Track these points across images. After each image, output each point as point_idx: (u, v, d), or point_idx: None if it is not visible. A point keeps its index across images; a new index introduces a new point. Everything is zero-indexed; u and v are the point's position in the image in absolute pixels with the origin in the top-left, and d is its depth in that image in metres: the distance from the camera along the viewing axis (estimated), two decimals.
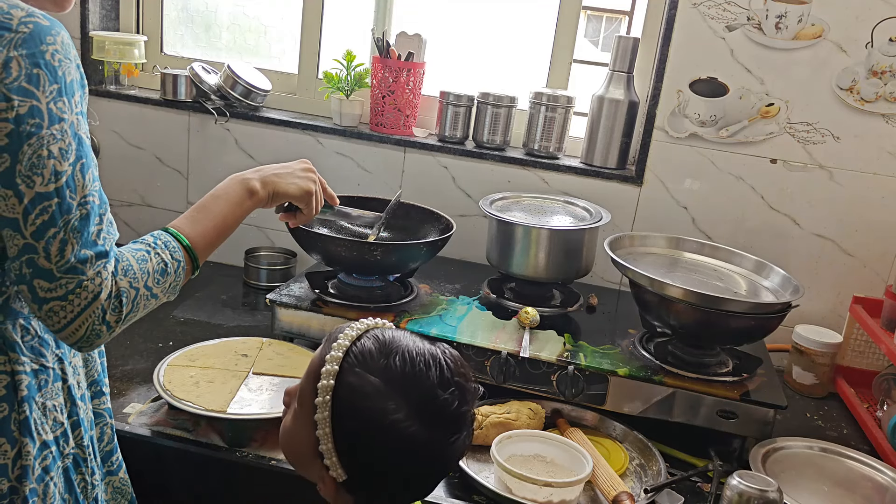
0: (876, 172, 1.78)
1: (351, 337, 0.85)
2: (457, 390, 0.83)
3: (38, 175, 0.81)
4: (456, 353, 0.86)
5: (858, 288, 1.82)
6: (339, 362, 0.83)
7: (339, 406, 0.81)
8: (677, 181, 1.88)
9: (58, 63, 0.82)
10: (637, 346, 1.52)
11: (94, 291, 0.85)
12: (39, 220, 0.82)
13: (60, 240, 0.83)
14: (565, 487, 1.19)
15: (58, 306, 0.84)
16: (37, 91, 0.80)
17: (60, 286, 0.83)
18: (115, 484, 1.14)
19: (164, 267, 0.94)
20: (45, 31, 0.82)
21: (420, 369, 0.82)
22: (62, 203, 0.83)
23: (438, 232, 1.71)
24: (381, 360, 0.82)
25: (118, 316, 0.88)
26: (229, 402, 1.32)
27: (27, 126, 0.80)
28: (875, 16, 1.69)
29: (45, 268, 0.83)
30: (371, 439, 0.81)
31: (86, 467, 1.03)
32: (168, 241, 0.97)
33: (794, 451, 1.44)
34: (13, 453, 0.91)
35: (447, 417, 0.82)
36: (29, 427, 0.93)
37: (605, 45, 3.70)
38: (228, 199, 1.06)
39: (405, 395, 0.80)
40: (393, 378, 0.81)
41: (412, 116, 2.03)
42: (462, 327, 1.51)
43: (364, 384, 0.81)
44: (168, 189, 2.15)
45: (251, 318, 1.81)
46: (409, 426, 0.80)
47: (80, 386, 1.04)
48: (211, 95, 2.08)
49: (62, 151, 0.82)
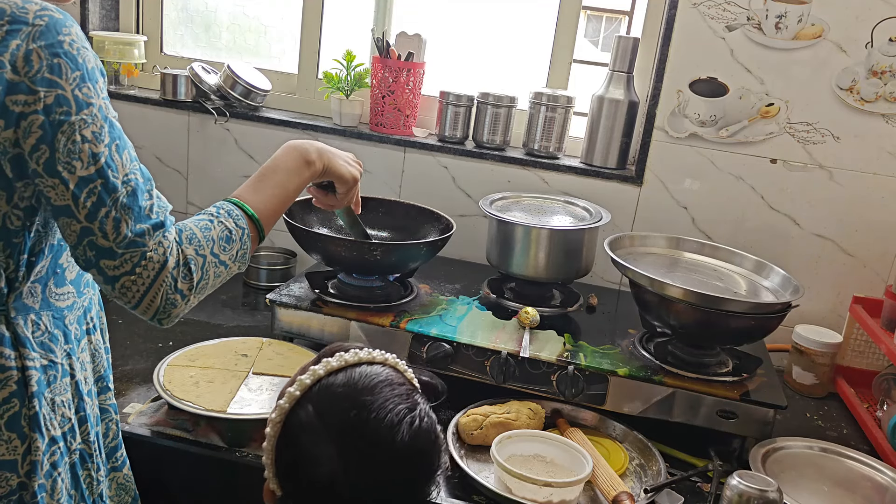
0: (876, 172, 1.78)
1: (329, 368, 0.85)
2: (413, 465, 0.83)
3: (77, 160, 0.83)
4: (429, 424, 0.83)
5: (858, 288, 1.82)
6: (304, 390, 0.84)
7: (285, 431, 0.83)
8: (677, 181, 1.88)
9: (76, 51, 0.84)
10: (637, 346, 1.52)
11: (159, 261, 0.87)
12: (89, 202, 0.84)
13: (113, 218, 0.85)
14: (565, 487, 1.19)
15: (129, 281, 0.86)
16: (60, 80, 0.82)
17: (125, 262, 0.85)
18: (120, 480, 1.14)
19: (228, 234, 0.95)
20: (60, 22, 0.84)
21: (377, 434, 0.80)
22: (107, 183, 0.85)
23: (438, 232, 1.71)
24: (342, 406, 0.82)
25: (190, 283, 0.90)
26: (229, 402, 1.32)
27: (56, 115, 0.82)
28: (875, 16, 1.69)
29: (105, 247, 0.85)
30: (304, 472, 0.82)
31: (91, 463, 1.04)
32: (231, 210, 0.98)
33: (794, 451, 1.44)
34: (23, 448, 0.92)
35: (394, 484, 0.82)
36: (39, 423, 0.93)
37: (605, 45, 3.70)
38: (287, 168, 1.07)
39: (344, 449, 0.79)
40: (342, 429, 0.80)
41: (412, 116, 2.03)
42: (462, 327, 1.51)
43: (309, 423, 0.81)
44: (168, 189, 2.13)
45: (251, 318, 1.81)
46: (343, 473, 0.80)
47: (87, 381, 1.04)
48: (211, 95, 2.08)
49: (95, 134, 0.85)
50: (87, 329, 1.06)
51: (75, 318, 1.02)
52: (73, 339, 1.01)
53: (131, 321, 1.68)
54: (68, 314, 1.00)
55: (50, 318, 0.97)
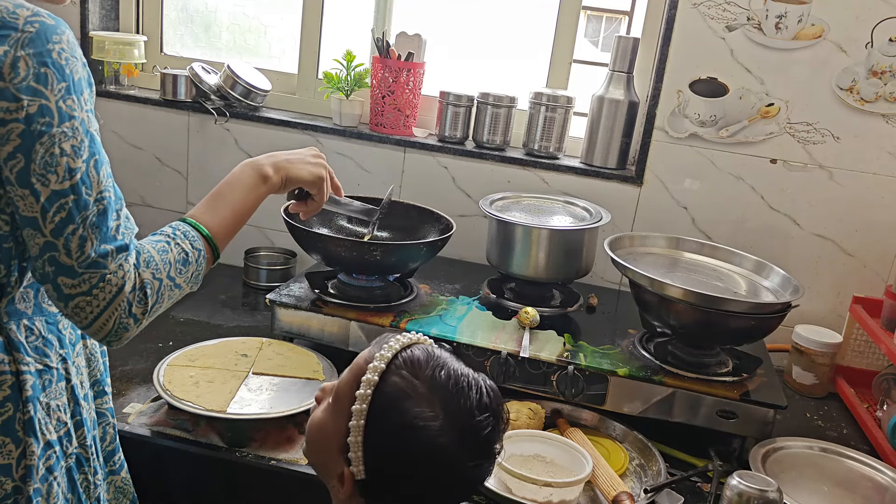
0: (876, 172, 1.78)
1: (403, 343, 0.88)
2: (492, 417, 0.84)
3: (53, 173, 0.82)
4: (495, 385, 0.88)
5: (858, 288, 1.82)
6: (387, 361, 0.85)
7: (378, 401, 0.83)
8: (677, 181, 1.88)
9: (65, 62, 0.83)
10: (637, 346, 1.52)
11: (117, 284, 0.86)
12: (57, 218, 0.83)
13: (80, 236, 0.84)
14: (565, 487, 1.19)
15: (83, 302, 0.85)
16: (45, 90, 0.81)
17: (84, 281, 0.84)
18: (117, 483, 1.14)
19: (185, 257, 0.95)
20: (51, 30, 0.82)
21: (462, 388, 0.84)
22: (79, 199, 0.84)
23: (438, 232, 1.71)
24: (427, 370, 0.84)
25: (144, 308, 0.89)
26: (229, 402, 1.32)
27: (38, 125, 0.81)
28: (875, 16, 1.69)
29: (66, 264, 0.84)
30: (401, 440, 0.82)
31: (88, 467, 1.04)
32: (187, 231, 0.97)
33: (794, 451, 1.44)
34: (17, 453, 0.92)
35: (478, 440, 0.83)
36: (34, 427, 0.93)
37: (605, 45, 3.70)
38: (243, 186, 1.06)
39: (444, 407, 0.82)
40: (436, 387, 0.83)
41: (412, 116, 2.02)
42: (462, 327, 1.51)
43: (408, 386, 0.83)
44: (168, 189, 2.15)
45: (251, 318, 1.81)
46: (440, 436, 0.81)
47: (84, 386, 1.04)
48: (211, 95, 2.08)
49: (74, 148, 0.83)
50: (82, 334, 1.05)
51: (69, 322, 1.01)
52: (67, 343, 1.00)
53: None
54: (62, 319, 1.00)
55: (43, 323, 0.97)
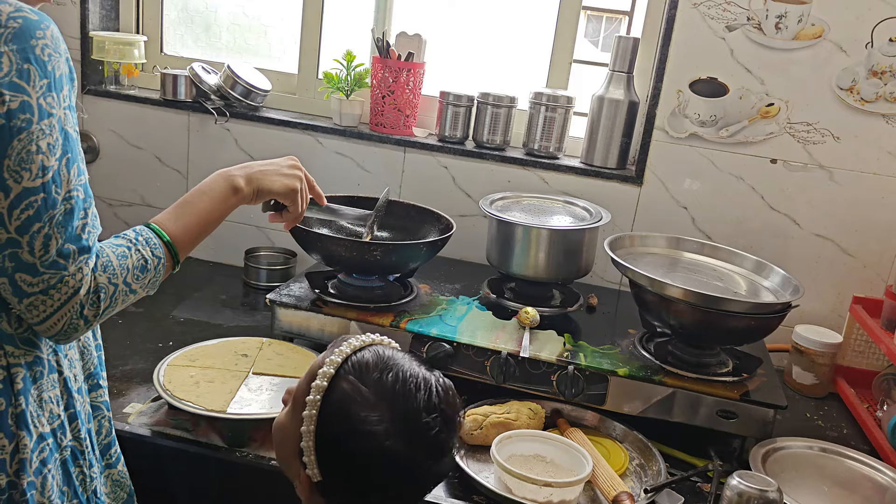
0: (876, 172, 1.78)
1: (354, 346, 0.89)
2: (440, 417, 0.85)
3: (26, 170, 0.82)
4: (449, 384, 0.89)
5: (858, 288, 1.82)
6: (336, 367, 0.86)
7: (326, 407, 0.84)
8: (677, 181, 1.88)
9: (47, 58, 0.83)
10: (637, 346, 1.52)
11: (74, 287, 0.86)
12: (24, 216, 0.82)
13: (45, 235, 0.84)
14: (565, 487, 1.19)
15: (38, 300, 0.85)
16: (27, 86, 0.81)
17: (42, 281, 0.84)
18: (114, 477, 1.13)
19: (143, 264, 0.95)
20: (35, 25, 0.82)
21: (409, 389, 0.85)
22: (47, 198, 0.83)
23: (438, 232, 1.71)
24: (374, 374, 0.85)
25: (96, 311, 0.89)
26: (229, 402, 1.32)
27: (18, 121, 0.81)
28: (875, 16, 1.69)
29: (28, 262, 0.84)
30: (349, 445, 0.83)
31: (84, 460, 1.03)
32: (149, 238, 0.98)
33: (794, 451, 1.44)
34: (11, 447, 0.91)
35: (426, 441, 0.84)
36: (25, 420, 0.92)
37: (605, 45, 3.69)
38: (212, 196, 1.06)
39: (390, 410, 0.83)
40: (382, 392, 0.84)
41: (412, 116, 2.03)
42: (462, 327, 1.51)
43: (354, 391, 0.84)
44: (168, 189, 2.15)
45: (251, 318, 1.81)
46: (386, 440, 0.82)
47: (77, 378, 1.03)
48: (211, 95, 2.08)
49: (50, 147, 0.83)
50: None
51: None
52: None
53: (131, 321, 1.68)
54: None
55: None
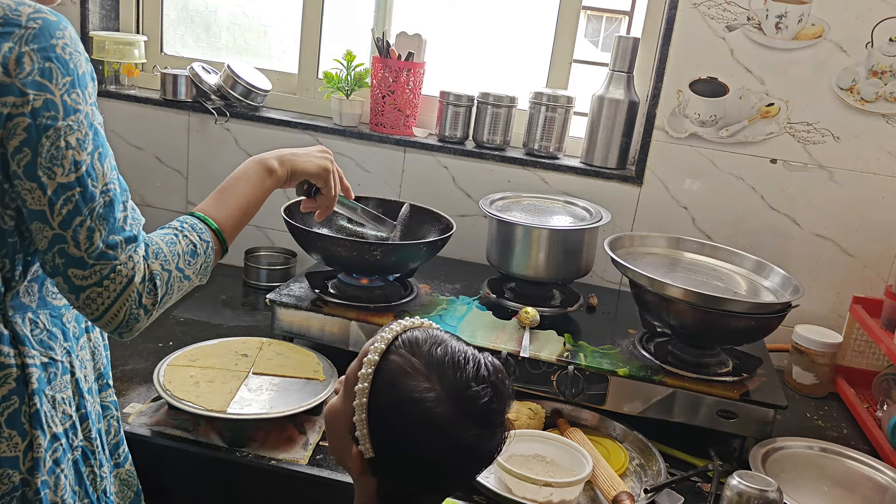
0: (876, 172, 1.78)
1: (404, 326, 0.91)
2: (490, 388, 0.86)
3: (59, 166, 0.83)
4: (497, 362, 0.90)
5: (858, 288, 1.82)
6: (387, 343, 0.88)
7: (378, 380, 0.86)
8: (677, 181, 1.88)
9: (68, 56, 0.84)
10: (637, 346, 1.52)
11: (127, 275, 0.87)
12: (65, 210, 0.84)
13: (87, 227, 0.85)
14: (565, 487, 1.19)
15: (94, 293, 0.86)
16: (50, 84, 0.82)
17: (94, 273, 0.85)
18: (122, 476, 1.15)
19: (193, 248, 0.96)
20: (54, 25, 0.84)
21: (459, 361, 0.86)
22: (85, 192, 0.85)
23: (438, 232, 1.71)
24: (425, 347, 0.87)
25: (154, 299, 0.90)
26: (229, 402, 1.32)
27: (43, 119, 0.82)
28: (875, 16, 1.69)
29: (76, 256, 0.85)
30: (400, 413, 0.84)
31: (94, 459, 1.04)
32: (195, 224, 0.99)
33: (794, 451, 1.44)
34: (24, 445, 0.93)
35: (477, 410, 0.85)
36: (40, 419, 0.94)
37: (605, 45, 3.70)
38: (249, 180, 1.07)
39: (440, 380, 0.85)
40: (432, 363, 0.86)
41: (412, 116, 2.03)
42: (462, 327, 1.51)
43: (405, 363, 0.86)
44: (168, 189, 2.15)
45: (251, 318, 1.81)
46: (436, 407, 0.83)
47: (88, 379, 1.05)
48: (211, 95, 2.08)
49: (79, 141, 0.85)
50: (86, 327, 1.06)
51: (73, 316, 1.02)
52: (71, 336, 1.01)
53: None
54: (66, 312, 1.01)
55: (48, 316, 0.97)
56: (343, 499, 0.95)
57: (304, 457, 1.28)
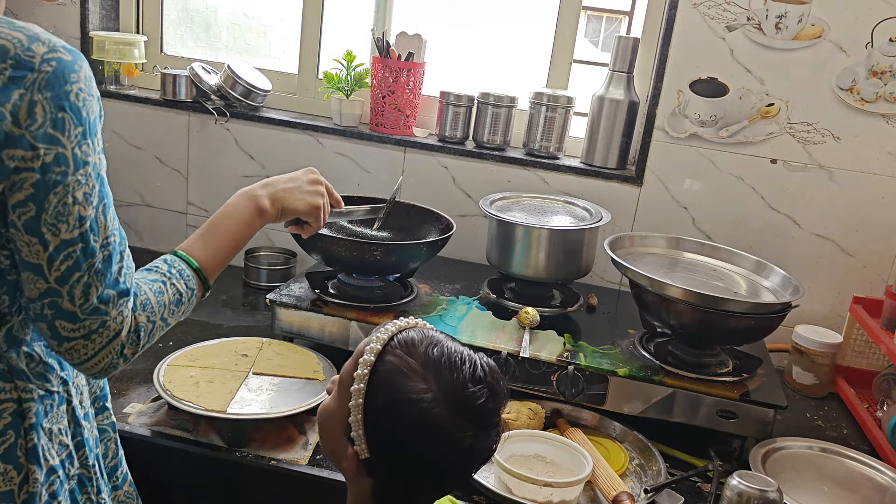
0: (876, 172, 1.78)
1: (399, 326, 0.91)
2: (486, 388, 0.86)
3: (64, 222, 0.80)
4: (492, 362, 0.91)
5: (858, 288, 1.82)
6: (383, 343, 0.88)
7: (375, 380, 0.86)
8: (677, 181, 1.88)
9: (82, 103, 0.80)
10: (637, 346, 1.52)
11: (115, 330, 0.85)
12: (64, 266, 0.81)
13: (84, 283, 0.82)
14: (565, 487, 1.19)
15: (79, 345, 0.84)
16: (62, 137, 0.79)
17: (84, 326, 0.83)
18: (121, 498, 1.12)
19: (179, 297, 0.95)
20: (69, 67, 0.79)
21: (455, 362, 0.86)
22: (86, 247, 0.82)
23: (438, 232, 1.71)
24: (421, 348, 0.87)
25: (135, 349, 0.89)
26: (229, 402, 1.32)
27: (53, 175, 0.78)
28: (875, 16, 1.69)
29: (68, 310, 0.82)
30: (397, 414, 0.84)
31: (91, 486, 1.02)
32: (182, 270, 0.97)
33: (794, 451, 1.44)
34: (19, 479, 0.90)
35: (474, 410, 0.85)
36: (37, 453, 0.91)
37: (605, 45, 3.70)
38: (239, 219, 1.06)
39: (436, 380, 0.85)
40: (428, 364, 0.86)
41: (412, 116, 2.03)
42: (462, 327, 1.51)
43: (401, 363, 0.86)
44: (168, 189, 2.15)
45: (251, 318, 1.81)
46: (433, 408, 0.83)
47: (84, 405, 1.02)
48: (211, 95, 2.08)
49: (86, 196, 0.81)
50: None
51: None
52: (67, 365, 0.98)
53: None
54: None
55: (42, 347, 0.95)
56: (343, 499, 0.95)
57: (304, 457, 1.28)
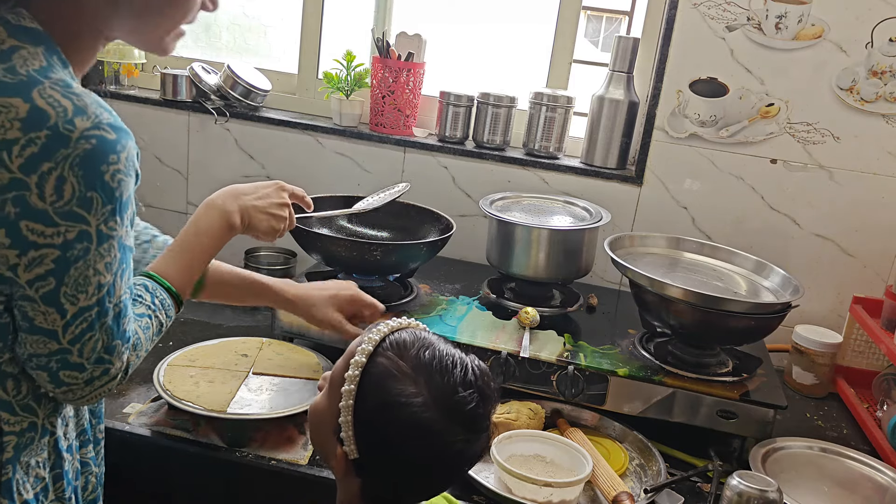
0: (876, 172, 1.78)
1: (391, 327, 0.91)
2: (476, 393, 0.86)
3: (83, 292, 0.79)
4: (484, 365, 0.90)
5: (858, 288, 1.82)
6: (375, 345, 0.88)
7: (365, 381, 0.86)
8: (677, 181, 1.88)
9: (117, 184, 0.77)
10: (637, 346, 1.52)
11: (114, 375, 0.87)
12: (78, 330, 0.81)
13: (94, 339, 0.83)
14: (565, 487, 1.19)
15: (77, 387, 0.84)
16: (88, 215, 0.76)
17: (87, 374, 0.84)
18: None
19: (160, 328, 0.99)
20: (110, 148, 0.76)
21: (446, 365, 0.86)
22: (101, 310, 0.82)
23: (438, 232, 1.71)
24: (412, 350, 0.87)
25: (122, 383, 0.90)
26: (229, 403, 1.32)
27: (74, 251, 0.77)
28: (875, 16, 1.69)
29: (76, 363, 0.83)
30: (387, 417, 0.84)
31: None
32: (164, 300, 1.00)
33: (794, 451, 1.44)
34: None
35: (463, 414, 0.85)
36: (10, 488, 0.88)
37: (605, 45, 3.70)
38: (211, 235, 1.10)
39: (427, 384, 0.85)
40: (419, 367, 0.86)
41: (412, 116, 2.03)
42: (462, 327, 1.51)
43: (393, 365, 0.86)
44: (168, 189, 2.15)
45: (251, 318, 1.81)
46: (424, 412, 0.83)
47: (68, 437, 0.99)
48: (211, 95, 2.08)
49: (107, 265, 0.80)
50: None
51: None
52: None
53: None
54: None
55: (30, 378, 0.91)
56: None
57: (304, 457, 1.28)
